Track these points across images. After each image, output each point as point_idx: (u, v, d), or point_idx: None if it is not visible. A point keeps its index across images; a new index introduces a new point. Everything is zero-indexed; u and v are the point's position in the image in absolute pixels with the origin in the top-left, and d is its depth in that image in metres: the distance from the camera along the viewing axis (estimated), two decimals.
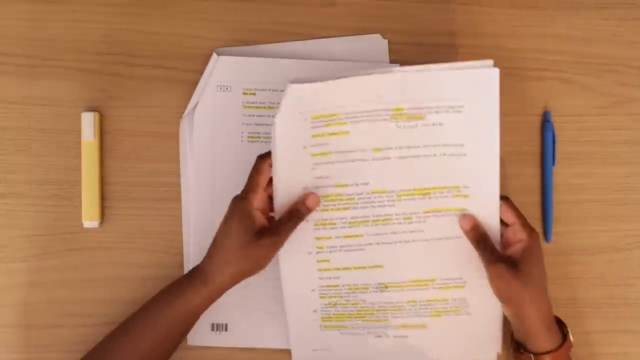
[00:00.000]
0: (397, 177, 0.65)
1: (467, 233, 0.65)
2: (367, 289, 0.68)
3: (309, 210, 0.65)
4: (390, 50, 0.74)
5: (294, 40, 0.73)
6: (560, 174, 0.74)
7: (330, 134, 0.64)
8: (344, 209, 0.66)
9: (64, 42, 0.72)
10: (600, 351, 0.73)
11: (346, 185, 0.65)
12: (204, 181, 0.72)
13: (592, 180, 0.74)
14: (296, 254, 0.67)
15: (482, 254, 0.64)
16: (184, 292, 0.64)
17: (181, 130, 0.72)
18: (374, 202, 0.65)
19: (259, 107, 0.73)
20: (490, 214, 0.65)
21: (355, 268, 0.67)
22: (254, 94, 0.73)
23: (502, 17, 0.74)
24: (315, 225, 0.66)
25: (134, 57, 0.73)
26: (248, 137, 0.73)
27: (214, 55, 0.72)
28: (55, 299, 0.71)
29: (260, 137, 0.73)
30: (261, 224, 0.64)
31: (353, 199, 0.65)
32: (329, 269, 0.67)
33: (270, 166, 0.64)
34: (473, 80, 0.62)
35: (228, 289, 0.65)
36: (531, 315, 0.63)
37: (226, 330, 0.72)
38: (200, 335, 0.71)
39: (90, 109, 0.72)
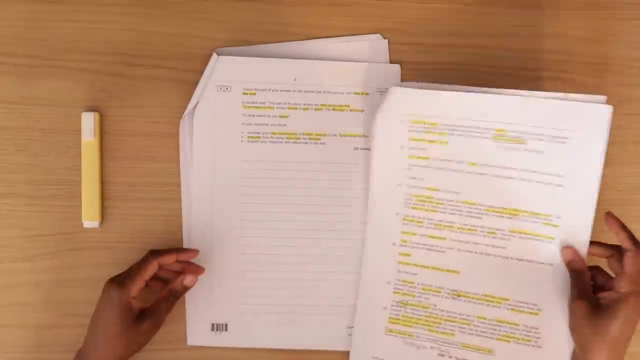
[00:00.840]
0: (488, 193, 0.67)
1: (567, 263, 0.65)
2: (439, 292, 0.69)
3: (186, 289, 0.67)
4: (390, 50, 0.74)
5: (294, 40, 0.73)
6: None
7: (429, 142, 0.68)
8: (432, 210, 0.69)
9: (64, 42, 0.72)
10: None
11: (438, 190, 0.68)
12: (204, 181, 0.72)
13: None
14: (381, 242, 0.70)
15: (574, 285, 0.64)
16: None
17: (181, 130, 0.72)
18: (462, 210, 0.68)
19: (259, 107, 0.73)
20: (580, 244, 0.65)
21: (433, 268, 0.69)
22: (254, 94, 0.73)
23: (502, 17, 0.74)
24: (404, 220, 0.69)
25: (134, 57, 0.73)
26: (248, 137, 0.73)
27: (214, 55, 0.72)
28: (55, 299, 0.71)
29: (260, 137, 0.73)
30: (138, 309, 0.65)
31: (442, 203, 0.68)
32: (408, 264, 0.70)
33: (160, 265, 0.66)
34: (583, 114, 0.63)
35: None
36: None
37: (226, 330, 0.72)
38: (200, 335, 0.71)
39: (90, 109, 0.72)
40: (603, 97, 0.64)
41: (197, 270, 0.69)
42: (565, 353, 0.66)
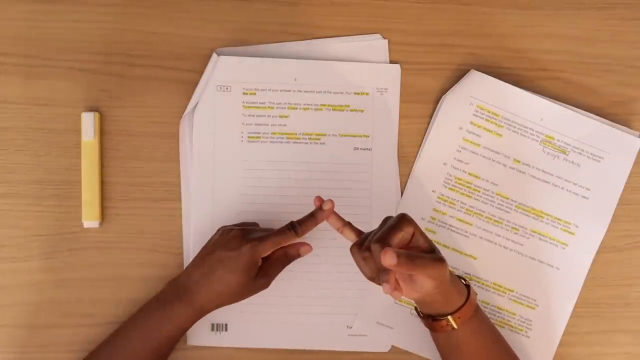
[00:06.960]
0: (522, 191, 0.72)
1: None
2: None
3: (299, 257, 0.68)
4: (390, 50, 0.74)
5: (294, 41, 0.73)
6: None
7: (485, 130, 0.72)
8: (467, 195, 0.73)
9: (64, 42, 0.72)
10: (600, 351, 0.73)
11: (478, 177, 0.73)
12: (204, 181, 0.72)
13: None
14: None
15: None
16: (171, 312, 0.65)
17: (181, 130, 0.72)
18: (494, 202, 0.73)
19: (259, 107, 0.73)
20: (587, 255, 0.72)
21: (453, 249, 0.73)
22: (254, 94, 0.73)
23: (502, 17, 0.74)
24: (438, 198, 0.73)
25: (134, 57, 0.73)
26: (248, 137, 0.73)
27: (214, 55, 0.72)
28: (55, 299, 0.71)
29: (260, 137, 0.73)
30: (259, 268, 0.66)
31: (479, 190, 0.73)
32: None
33: (297, 235, 0.66)
34: (619, 141, 0.72)
35: (207, 313, 0.66)
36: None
37: (226, 330, 0.72)
38: (200, 335, 0.71)
39: (90, 109, 0.72)
40: (638, 133, 0.73)
41: (308, 246, 0.69)
42: (549, 346, 0.72)
